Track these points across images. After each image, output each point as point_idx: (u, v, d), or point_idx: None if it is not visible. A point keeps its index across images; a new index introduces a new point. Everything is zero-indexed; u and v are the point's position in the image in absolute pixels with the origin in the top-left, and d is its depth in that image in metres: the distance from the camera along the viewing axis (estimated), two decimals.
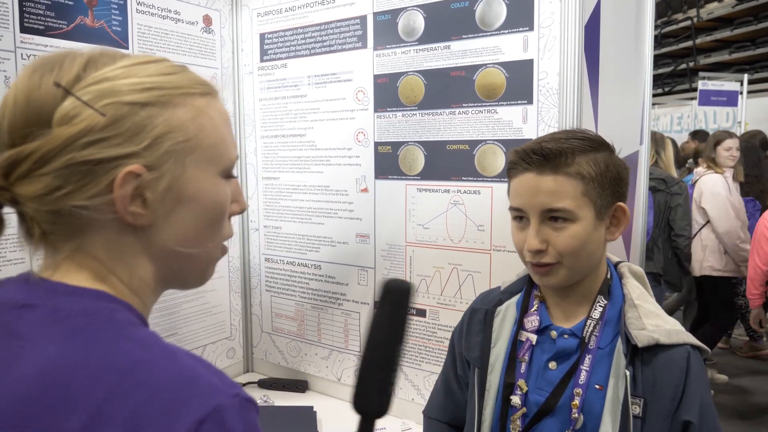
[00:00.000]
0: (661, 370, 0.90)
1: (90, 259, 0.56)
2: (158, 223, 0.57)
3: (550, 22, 1.33)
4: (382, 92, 1.60)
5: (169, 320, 1.72)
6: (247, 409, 0.51)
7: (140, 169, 0.54)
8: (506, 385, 0.99)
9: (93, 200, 0.53)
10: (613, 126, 1.68)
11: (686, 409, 0.89)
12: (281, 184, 1.84)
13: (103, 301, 0.55)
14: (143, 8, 1.60)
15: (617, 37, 1.66)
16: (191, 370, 0.51)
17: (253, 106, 1.88)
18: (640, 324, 0.92)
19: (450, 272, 1.53)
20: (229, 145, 0.62)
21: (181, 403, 0.48)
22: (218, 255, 0.64)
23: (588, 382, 0.93)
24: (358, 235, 1.69)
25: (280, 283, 1.88)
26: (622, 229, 0.98)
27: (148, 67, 0.57)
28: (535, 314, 1.01)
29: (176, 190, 0.56)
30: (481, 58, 1.43)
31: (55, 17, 1.41)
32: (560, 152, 0.91)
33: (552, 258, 0.93)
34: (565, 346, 0.97)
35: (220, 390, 0.50)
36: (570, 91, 1.31)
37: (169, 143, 0.55)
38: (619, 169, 0.97)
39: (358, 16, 1.62)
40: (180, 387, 0.49)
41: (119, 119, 0.53)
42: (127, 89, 0.54)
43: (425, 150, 1.54)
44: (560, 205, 0.91)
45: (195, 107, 0.58)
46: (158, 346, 0.53)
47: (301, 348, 1.85)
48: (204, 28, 1.77)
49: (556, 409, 0.94)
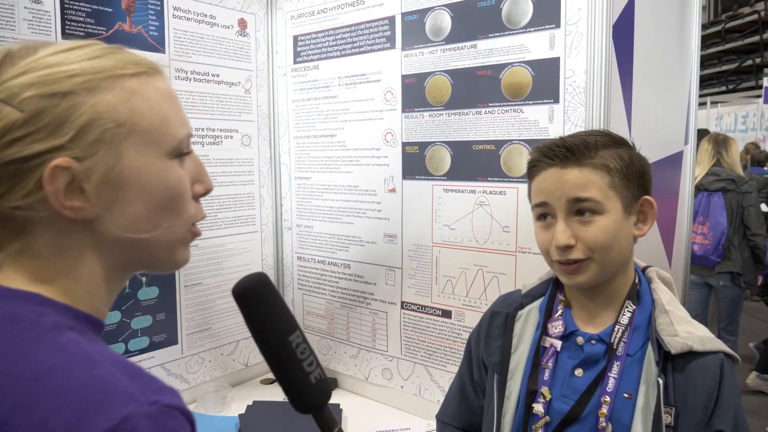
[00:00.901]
0: (694, 378, 0.87)
1: (32, 259, 0.55)
2: (104, 214, 0.54)
3: (576, 19, 1.30)
4: (409, 92, 1.60)
5: (203, 316, 1.77)
6: (166, 416, 0.48)
7: (67, 161, 0.51)
8: (529, 392, 0.96)
9: (26, 199, 0.51)
10: (651, 125, 1.63)
11: (720, 418, 0.86)
12: (313, 183, 1.87)
13: (31, 304, 0.53)
14: (179, 13, 1.65)
15: (656, 36, 1.60)
16: (108, 377, 0.48)
17: (286, 107, 1.91)
18: (673, 330, 0.89)
19: (475, 274, 1.51)
20: (173, 123, 0.58)
21: (91, 414, 0.45)
22: (187, 237, 0.62)
23: (616, 390, 0.89)
24: (385, 235, 1.69)
25: (312, 281, 1.91)
26: (650, 224, 0.96)
27: (70, 54, 0.54)
28: (559, 319, 0.98)
29: (116, 178, 0.54)
30: (507, 56, 1.41)
31: (95, 23, 1.47)
32: (584, 145, 0.91)
33: (581, 253, 0.90)
34: (593, 352, 0.93)
35: (135, 398, 0.47)
36: (597, 90, 1.28)
37: (98, 131, 0.53)
38: (642, 163, 0.96)
39: (387, 16, 1.63)
40: (92, 396, 0.46)
41: (39, 113, 0.51)
42: (45, 80, 0.52)
43: (452, 150, 1.53)
44: (587, 195, 0.88)
45: (126, 89, 0.55)
46: (78, 352, 0.50)
47: (331, 346, 1.88)
48: (239, 32, 1.82)
49: (581, 417, 0.91)
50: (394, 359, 1.71)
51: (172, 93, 0.60)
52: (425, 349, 1.63)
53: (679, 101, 1.92)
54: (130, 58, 0.58)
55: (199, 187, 0.63)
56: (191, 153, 0.62)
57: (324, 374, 0.71)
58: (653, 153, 1.67)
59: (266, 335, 0.68)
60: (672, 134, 1.87)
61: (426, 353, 1.63)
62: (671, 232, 1.96)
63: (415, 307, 1.64)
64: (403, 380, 1.69)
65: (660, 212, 1.77)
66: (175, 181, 0.58)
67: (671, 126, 1.86)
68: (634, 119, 1.46)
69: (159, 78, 0.60)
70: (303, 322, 1.95)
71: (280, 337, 0.67)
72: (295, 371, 0.67)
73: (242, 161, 1.85)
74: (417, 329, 1.64)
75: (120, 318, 1.57)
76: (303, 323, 1.95)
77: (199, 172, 0.63)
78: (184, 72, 1.67)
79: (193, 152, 0.63)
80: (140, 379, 0.50)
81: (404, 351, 1.68)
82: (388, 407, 1.72)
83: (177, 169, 0.59)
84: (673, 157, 1.90)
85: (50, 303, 0.54)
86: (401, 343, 1.69)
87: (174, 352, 1.71)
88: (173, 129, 0.58)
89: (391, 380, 1.72)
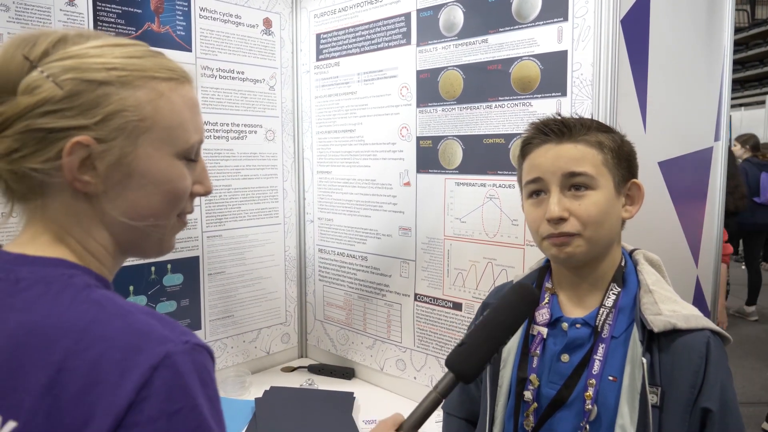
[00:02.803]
0: (680, 357, 0.87)
1: (50, 222, 0.62)
2: (109, 194, 0.61)
3: (584, 12, 1.30)
4: (424, 87, 1.62)
5: (225, 303, 1.85)
6: (197, 352, 0.56)
7: (88, 140, 0.58)
8: (519, 380, 0.98)
9: (45, 164, 0.58)
10: (672, 119, 1.60)
11: (706, 396, 0.85)
12: (333, 177, 1.92)
13: (61, 267, 0.60)
14: (206, 13, 1.73)
15: (677, 30, 1.57)
16: (143, 323, 0.56)
17: (309, 103, 1.97)
18: (656, 309, 0.89)
19: (485, 266, 1.52)
20: (188, 129, 0.65)
21: (135, 353, 0.53)
22: (177, 228, 0.69)
23: (602, 372, 0.90)
24: (401, 228, 1.72)
25: (332, 273, 1.96)
26: (638, 207, 0.97)
27: (116, 50, 0.61)
28: (546, 307, 1.00)
29: (127, 165, 0.61)
30: (516, 50, 1.42)
31: (125, 24, 1.57)
32: (581, 122, 0.94)
33: (573, 227, 0.91)
34: (577, 336, 0.94)
35: (170, 339, 0.55)
36: (604, 82, 1.27)
37: (122, 120, 0.59)
38: (631, 148, 0.99)
39: (403, 13, 1.66)
40: (133, 339, 0.54)
41: (76, 94, 0.58)
42: (87, 67, 0.58)
43: (463, 144, 1.55)
44: (582, 169, 0.90)
45: (156, 90, 0.62)
46: (113, 305, 0.58)
47: (349, 336, 1.92)
48: (264, 30, 1.89)
49: (569, 401, 0.92)
50: (408, 350, 1.73)
51: (195, 102, 0.68)
52: (437, 340, 1.65)
53: (709, 97, 1.87)
54: (167, 64, 0.65)
55: (200, 188, 0.69)
56: (199, 158, 0.69)
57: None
58: (676, 147, 1.64)
59: (511, 324, 0.85)
60: (699, 130, 1.82)
61: (438, 345, 1.65)
62: (698, 232, 1.91)
63: (428, 299, 1.66)
64: (416, 371, 1.72)
65: (685, 210, 1.75)
66: (178, 178, 0.65)
67: (698, 121, 1.81)
68: (650, 112, 1.44)
69: (187, 86, 0.67)
70: (324, 313, 2.00)
71: (512, 331, 0.86)
72: (490, 352, 0.83)
73: (266, 155, 1.92)
74: (429, 321, 1.66)
75: (146, 302, 1.66)
76: (323, 314, 2.00)
77: (202, 175, 0.70)
78: (210, 69, 1.75)
79: (201, 158, 0.70)
80: (169, 324, 0.58)
81: (417, 342, 1.71)
82: (401, 397, 1.75)
83: (182, 168, 0.66)
84: (700, 153, 1.85)
85: (76, 266, 0.61)
86: (414, 335, 1.71)
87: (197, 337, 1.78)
88: (187, 134, 0.65)
89: (404, 371, 1.75)
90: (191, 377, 0.54)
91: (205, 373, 0.56)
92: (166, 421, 0.52)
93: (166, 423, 0.52)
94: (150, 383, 0.52)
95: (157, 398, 0.52)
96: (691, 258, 1.88)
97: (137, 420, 0.51)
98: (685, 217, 1.76)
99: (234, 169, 1.83)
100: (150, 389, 0.52)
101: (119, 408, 0.51)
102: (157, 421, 0.51)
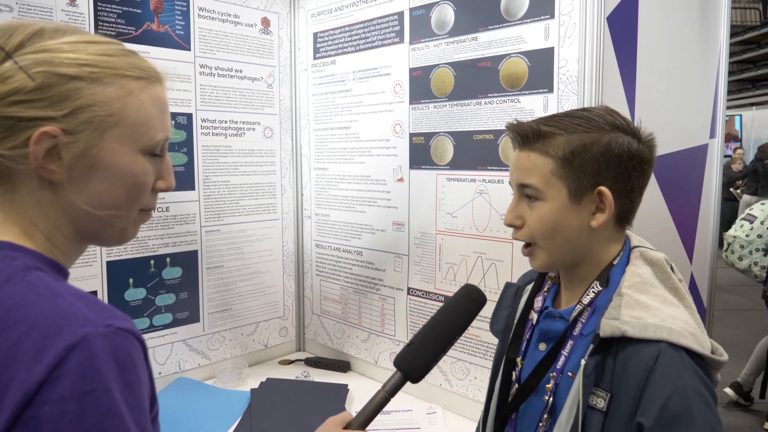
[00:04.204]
0: (628, 366, 0.84)
1: (12, 207, 0.64)
2: (73, 183, 0.63)
3: (570, 9, 1.32)
4: (416, 85, 1.65)
5: (224, 297, 1.89)
6: (120, 336, 0.56)
7: (56, 131, 0.60)
8: (507, 360, 1.01)
9: (12, 151, 0.60)
10: (663, 116, 1.61)
11: (641, 410, 0.80)
12: (330, 174, 1.95)
13: (6, 250, 0.62)
14: (204, 13, 1.77)
15: (669, 28, 1.59)
16: (69, 305, 0.57)
17: (307, 101, 2.01)
18: (616, 313, 0.86)
19: (475, 261, 1.55)
20: (155, 127, 0.68)
21: (56, 334, 0.54)
22: (139, 221, 0.72)
23: (563, 368, 0.90)
24: (394, 223, 1.75)
25: (328, 267, 1.99)
26: (607, 215, 0.89)
27: (90, 46, 0.64)
28: (542, 295, 1.02)
29: (92, 157, 0.63)
30: (505, 48, 1.44)
31: (125, 24, 1.61)
32: (536, 131, 0.90)
33: (524, 236, 0.92)
34: (550, 328, 0.95)
35: (92, 321, 0.55)
36: (589, 78, 1.29)
37: (90, 114, 0.62)
38: (619, 152, 0.88)
39: (396, 12, 1.69)
40: (57, 320, 0.55)
41: (47, 86, 0.60)
42: (60, 62, 0.61)
43: (454, 140, 1.57)
44: (527, 180, 0.90)
45: (125, 88, 0.64)
46: (45, 287, 0.59)
47: (345, 330, 1.95)
48: (262, 30, 1.92)
49: (537, 389, 0.93)
50: (401, 344, 1.76)
51: (163, 101, 0.70)
52: None
53: (704, 93, 1.88)
54: (139, 63, 0.67)
55: (162, 183, 0.72)
56: (165, 155, 0.72)
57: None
58: (668, 144, 1.66)
59: (460, 324, 0.91)
60: (693, 126, 1.83)
61: None
62: (692, 230, 1.92)
63: (420, 293, 1.69)
64: None
65: (678, 207, 1.77)
66: (140, 173, 0.68)
67: (692, 118, 1.82)
68: (639, 108, 1.46)
69: (158, 86, 0.69)
70: (320, 307, 2.03)
71: (460, 332, 0.92)
72: (439, 352, 0.88)
73: (264, 152, 1.95)
74: (422, 315, 1.69)
75: (145, 295, 1.70)
76: (320, 308, 2.03)
77: (165, 171, 0.72)
78: (209, 68, 1.79)
79: (167, 155, 0.73)
80: (97, 307, 0.59)
81: (410, 336, 1.73)
82: None
83: (145, 163, 0.68)
84: (694, 150, 1.86)
85: (22, 249, 0.63)
86: (407, 328, 1.74)
87: (196, 329, 1.83)
88: (153, 131, 0.68)
89: None
90: (106, 360, 0.54)
91: (125, 358, 0.56)
92: (77, 401, 0.52)
93: (77, 403, 0.52)
94: (64, 363, 0.52)
95: (70, 378, 0.52)
96: (685, 255, 1.88)
97: (48, 398, 0.52)
98: (678, 213, 1.77)
99: (233, 165, 1.87)
100: (63, 369, 0.52)
101: (30, 385, 0.52)
102: (68, 401, 0.52)
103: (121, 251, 1.65)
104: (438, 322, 0.91)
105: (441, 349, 0.89)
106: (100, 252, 1.61)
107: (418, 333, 0.90)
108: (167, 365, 1.77)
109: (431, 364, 0.87)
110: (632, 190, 0.90)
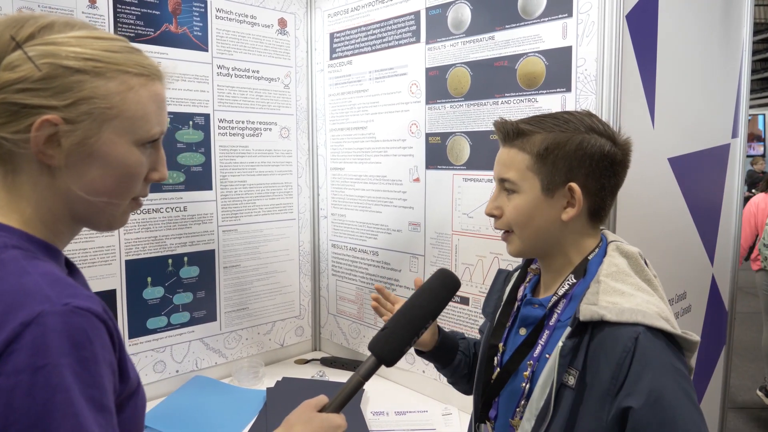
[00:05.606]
0: (606, 347, 0.86)
1: (9, 188, 0.67)
2: (70, 169, 0.67)
3: (588, 8, 1.31)
4: (433, 84, 1.65)
5: (240, 296, 1.90)
6: (77, 315, 0.59)
7: (57, 119, 0.64)
8: (489, 345, 1.05)
9: (14, 135, 0.64)
10: (684, 115, 1.59)
11: (626, 392, 0.83)
12: (346, 174, 1.96)
13: None
14: (222, 14, 1.79)
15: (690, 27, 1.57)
16: (32, 283, 0.60)
17: (323, 101, 2.01)
18: (594, 299, 0.89)
19: (491, 261, 1.54)
20: (151, 122, 0.71)
21: (15, 309, 0.57)
22: (130, 209, 0.75)
23: (540, 356, 0.94)
24: (410, 224, 1.75)
25: (344, 267, 2.00)
26: (576, 210, 0.93)
27: (95, 42, 0.67)
28: (524, 285, 1.07)
29: (89, 146, 0.66)
30: (522, 47, 1.43)
31: (144, 25, 1.63)
32: (516, 129, 0.96)
33: (502, 225, 0.99)
34: (530, 314, 0.99)
35: (49, 299, 0.58)
36: (608, 77, 1.28)
37: (91, 106, 0.65)
38: (591, 152, 0.93)
39: (413, 11, 1.68)
40: (19, 297, 0.58)
41: (52, 77, 0.64)
42: (66, 55, 0.64)
43: (471, 140, 1.56)
44: (506, 175, 0.97)
45: (126, 83, 0.68)
46: (16, 266, 0.62)
47: (360, 330, 1.95)
48: (279, 30, 1.93)
49: (516, 373, 0.97)
50: None
51: (161, 98, 0.73)
52: None
53: (726, 93, 1.85)
54: (141, 60, 0.71)
55: (155, 174, 0.75)
56: (159, 147, 0.76)
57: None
58: (688, 144, 1.64)
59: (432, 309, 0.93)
60: (715, 126, 1.81)
61: None
62: (713, 231, 1.89)
63: None
64: (425, 365, 1.74)
65: (698, 207, 1.74)
66: (134, 164, 0.71)
67: (713, 118, 1.80)
68: (659, 107, 1.44)
69: (157, 83, 0.72)
70: (336, 307, 2.04)
71: (433, 316, 0.94)
72: (411, 336, 0.90)
73: (281, 152, 1.96)
74: None
75: (163, 293, 1.72)
76: (336, 308, 2.04)
77: (158, 162, 0.76)
78: (226, 69, 1.80)
79: (161, 147, 0.76)
80: (60, 286, 0.61)
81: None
82: (409, 390, 1.77)
83: (139, 155, 0.71)
84: (716, 149, 1.83)
85: (5, 228, 0.67)
86: None
87: (213, 328, 1.84)
88: (149, 125, 0.71)
89: (413, 364, 1.78)
90: (59, 337, 0.57)
91: (81, 336, 0.58)
92: (29, 375, 0.55)
93: (30, 377, 0.55)
94: (19, 339, 0.55)
95: (25, 352, 0.55)
96: (706, 256, 1.86)
97: (3, 370, 0.55)
98: (698, 214, 1.74)
99: (249, 165, 1.88)
100: (18, 344, 0.55)
101: None
102: (21, 374, 0.55)
103: (139, 250, 1.67)
104: (411, 307, 0.93)
105: (414, 333, 0.90)
106: (119, 251, 1.63)
107: (392, 318, 0.93)
108: (184, 363, 1.79)
109: (405, 348, 0.89)
110: (603, 189, 0.95)
